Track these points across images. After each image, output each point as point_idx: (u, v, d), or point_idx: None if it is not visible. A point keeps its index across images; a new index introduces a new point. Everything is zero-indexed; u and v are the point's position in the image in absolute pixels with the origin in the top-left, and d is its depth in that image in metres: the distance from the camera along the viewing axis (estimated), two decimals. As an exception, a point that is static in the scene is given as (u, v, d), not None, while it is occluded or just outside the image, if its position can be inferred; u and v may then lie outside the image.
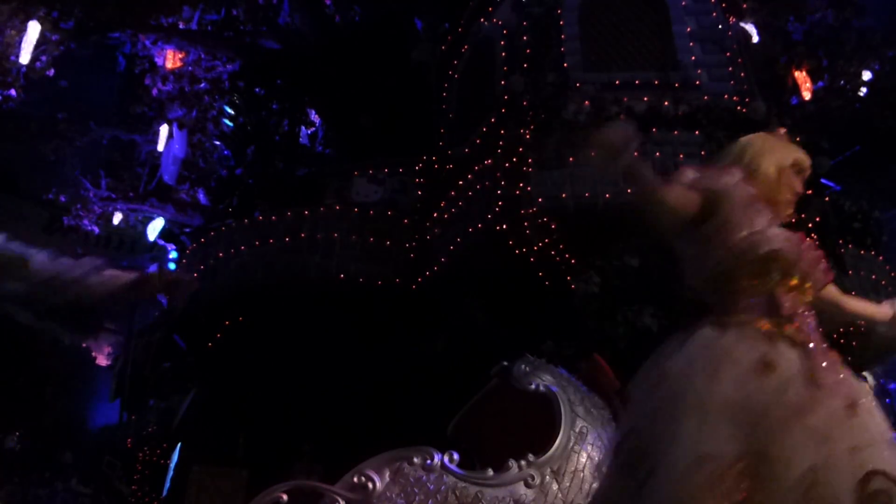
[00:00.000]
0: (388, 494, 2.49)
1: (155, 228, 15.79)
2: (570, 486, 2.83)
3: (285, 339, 9.87)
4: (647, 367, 2.36)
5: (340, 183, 11.17)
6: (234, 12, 15.47)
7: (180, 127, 14.90)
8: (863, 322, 2.91)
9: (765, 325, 2.28)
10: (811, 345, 2.27)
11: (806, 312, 2.37)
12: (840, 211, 9.90)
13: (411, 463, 2.57)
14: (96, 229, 15.82)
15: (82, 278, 2.40)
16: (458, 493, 2.59)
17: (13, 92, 12.57)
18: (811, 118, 13.27)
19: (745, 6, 11.14)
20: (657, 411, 2.15)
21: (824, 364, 2.23)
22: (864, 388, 2.28)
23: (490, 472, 2.73)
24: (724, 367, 2.16)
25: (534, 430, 3.02)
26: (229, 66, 15.41)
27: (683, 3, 9.52)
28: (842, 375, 2.24)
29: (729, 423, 2.03)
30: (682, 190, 2.42)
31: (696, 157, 8.18)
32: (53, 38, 12.95)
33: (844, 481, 1.97)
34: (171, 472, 12.06)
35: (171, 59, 15.52)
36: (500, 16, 10.23)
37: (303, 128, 15.68)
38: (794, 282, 2.36)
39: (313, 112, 15.69)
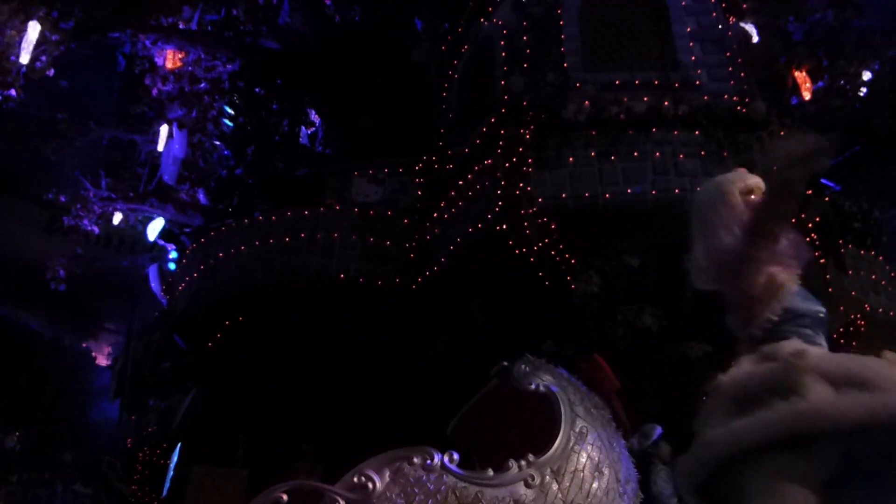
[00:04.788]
0: (388, 494, 2.49)
1: (155, 228, 15.76)
2: (570, 486, 2.83)
3: (285, 340, 9.87)
4: None
5: (340, 183, 11.17)
6: (234, 12, 15.46)
7: (180, 127, 14.88)
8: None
9: None
10: None
11: None
12: (840, 211, 9.92)
13: (411, 463, 2.57)
14: (96, 229, 15.77)
15: None
16: (458, 493, 2.59)
17: (13, 92, 12.56)
18: (811, 118, 13.26)
19: (745, 6, 11.14)
20: None
21: None
22: None
23: (490, 472, 2.72)
24: None
25: (534, 430, 3.02)
26: (229, 66, 15.40)
27: (683, 3, 9.52)
28: None
29: None
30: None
31: (696, 157, 8.19)
32: (53, 38, 12.94)
33: None
34: (171, 472, 12.06)
35: (171, 59, 15.51)
36: (500, 16, 10.23)
37: (303, 128, 15.67)
38: None
39: (313, 112, 15.68)
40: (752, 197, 2.81)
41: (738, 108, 8.53)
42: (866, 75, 14.74)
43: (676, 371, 7.86)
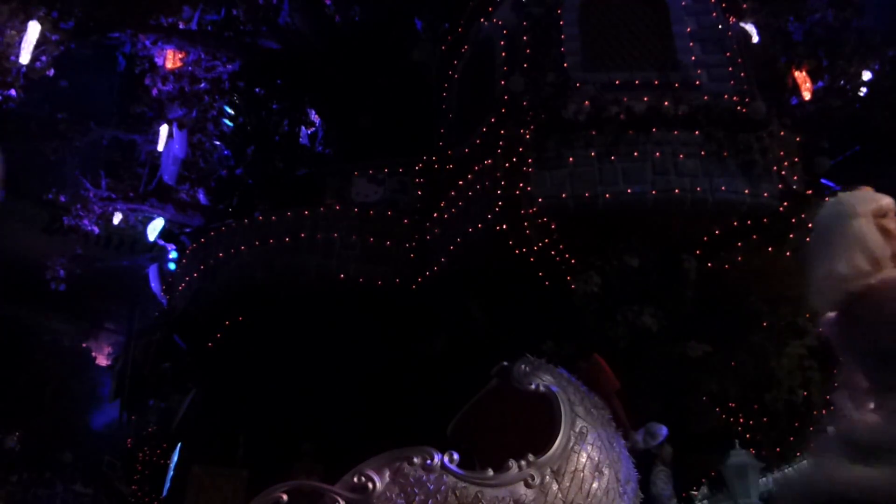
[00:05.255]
0: (388, 494, 2.49)
1: (155, 228, 15.77)
2: (570, 486, 2.83)
3: (285, 339, 9.87)
4: None
5: (340, 183, 11.18)
6: (234, 12, 15.45)
7: (180, 127, 14.89)
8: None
9: None
10: None
11: None
12: (840, 211, 9.89)
13: (411, 463, 2.57)
14: (96, 229, 15.77)
15: None
16: (458, 493, 2.59)
17: (13, 92, 12.56)
18: (811, 118, 13.26)
19: (745, 6, 11.14)
20: None
21: None
22: None
23: (490, 472, 2.72)
24: None
25: (534, 430, 3.02)
26: (229, 66, 15.40)
27: (683, 3, 9.52)
28: None
29: None
30: None
31: (696, 157, 8.19)
32: (53, 38, 12.93)
33: None
34: (171, 472, 12.05)
35: (171, 59, 15.51)
36: (500, 16, 10.24)
37: (303, 128, 15.67)
38: None
39: (313, 112, 15.69)
40: (886, 219, 2.56)
41: (738, 108, 8.53)
42: (866, 75, 14.73)
43: (676, 371, 7.86)
